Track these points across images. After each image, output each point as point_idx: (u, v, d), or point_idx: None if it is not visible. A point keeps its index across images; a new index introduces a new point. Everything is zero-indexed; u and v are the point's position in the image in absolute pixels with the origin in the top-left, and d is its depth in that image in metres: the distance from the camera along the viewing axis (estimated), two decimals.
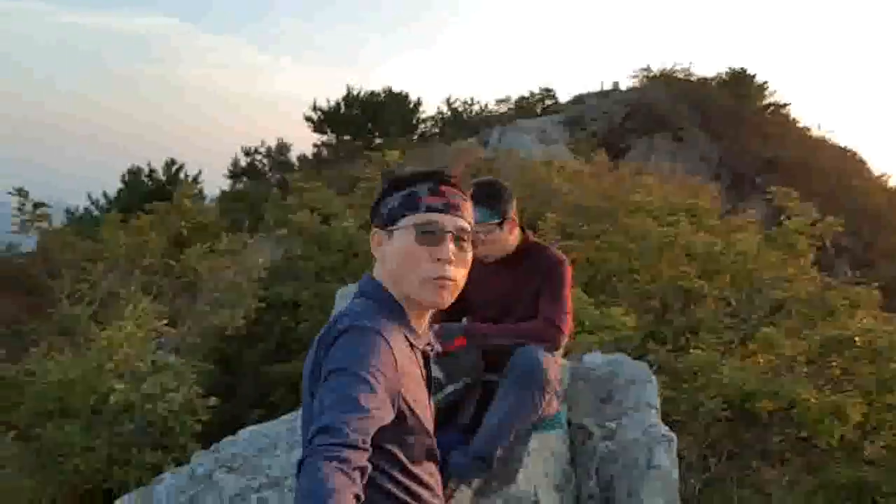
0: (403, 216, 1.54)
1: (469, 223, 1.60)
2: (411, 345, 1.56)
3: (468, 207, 1.62)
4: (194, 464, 2.68)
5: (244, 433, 2.81)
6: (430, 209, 1.53)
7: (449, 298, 1.55)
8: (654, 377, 3.10)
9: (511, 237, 2.67)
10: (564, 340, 2.60)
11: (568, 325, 2.58)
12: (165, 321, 5.36)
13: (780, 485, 5.71)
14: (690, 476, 5.14)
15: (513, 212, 2.66)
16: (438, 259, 1.51)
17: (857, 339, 5.87)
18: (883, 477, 5.75)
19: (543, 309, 2.57)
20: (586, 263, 8.27)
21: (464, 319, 2.83)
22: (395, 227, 1.55)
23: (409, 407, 1.49)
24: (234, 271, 6.19)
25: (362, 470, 1.24)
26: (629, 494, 2.62)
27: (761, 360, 6.21)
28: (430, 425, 1.58)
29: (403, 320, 1.55)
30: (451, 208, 1.55)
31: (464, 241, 1.56)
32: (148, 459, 4.89)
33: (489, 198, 2.60)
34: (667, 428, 2.81)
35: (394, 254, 1.55)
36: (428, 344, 1.65)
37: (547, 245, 2.77)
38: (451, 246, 1.53)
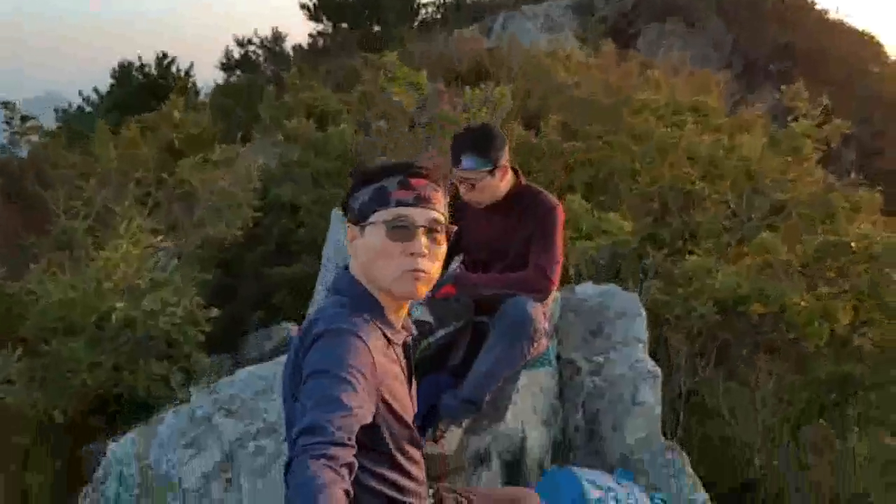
0: (374, 211, 1.53)
1: (442, 214, 1.58)
2: (389, 340, 1.56)
3: (440, 198, 1.59)
4: (194, 405, 2.76)
5: (241, 374, 2.88)
6: (400, 203, 1.52)
7: (424, 290, 1.55)
8: (643, 310, 3.13)
9: (503, 183, 2.62)
10: (554, 289, 2.62)
11: (558, 274, 2.58)
12: (161, 237, 5.37)
13: (767, 379, 5.91)
14: (680, 377, 5.32)
15: (505, 158, 2.60)
16: (411, 253, 1.51)
17: (853, 244, 5.88)
18: (867, 371, 5.96)
19: (535, 257, 2.56)
20: (588, 164, 8.17)
21: (455, 263, 2.84)
22: (366, 222, 1.53)
23: (389, 405, 1.52)
24: (228, 182, 6.13)
25: (349, 466, 1.26)
26: (614, 428, 2.71)
27: (753, 261, 6.25)
28: (410, 417, 1.62)
29: (380, 316, 1.55)
30: (421, 201, 1.53)
31: (437, 232, 1.55)
32: (154, 370, 5.05)
33: (480, 145, 2.54)
34: (653, 363, 2.86)
35: (367, 249, 1.54)
36: (408, 335, 1.66)
37: (540, 189, 2.71)
38: (424, 239, 1.52)
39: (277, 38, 19.34)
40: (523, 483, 2.59)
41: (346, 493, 1.21)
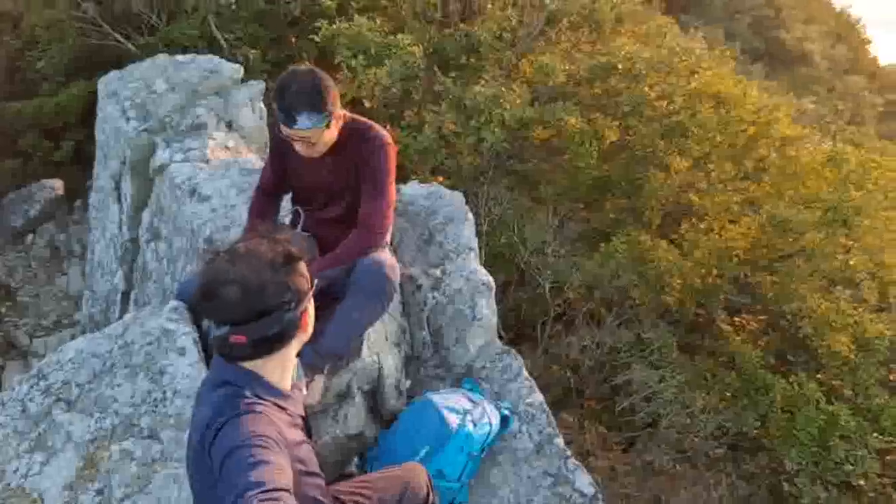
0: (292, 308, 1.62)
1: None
2: (285, 409, 1.63)
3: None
4: (20, 395, 2.50)
5: (67, 352, 2.62)
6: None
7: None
8: (470, 214, 3.28)
9: (338, 128, 2.46)
10: (389, 234, 2.65)
11: (390, 219, 2.59)
12: None
13: (547, 202, 6.60)
14: (480, 222, 5.76)
15: (338, 104, 2.41)
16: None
17: (619, 65, 6.38)
18: (620, 171, 6.89)
19: (363, 211, 2.52)
20: None
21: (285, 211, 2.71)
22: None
23: (300, 464, 1.59)
24: None
25: None
26: (457, 340, 2.99)
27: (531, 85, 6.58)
28: (318, 467, 1.71)
29: (270, 391, 1.60)
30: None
31: None
32: None
33: (313, 101, 2.32)
34: (485, 273, 3.10)
35: None
36: (299, 391, 1.76)
37: (369, 124, 2.58)
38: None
39: None
40: (383, 405, 2.83)
41: None
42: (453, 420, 2.60)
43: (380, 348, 2.83)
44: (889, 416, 5.90)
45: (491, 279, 3.08)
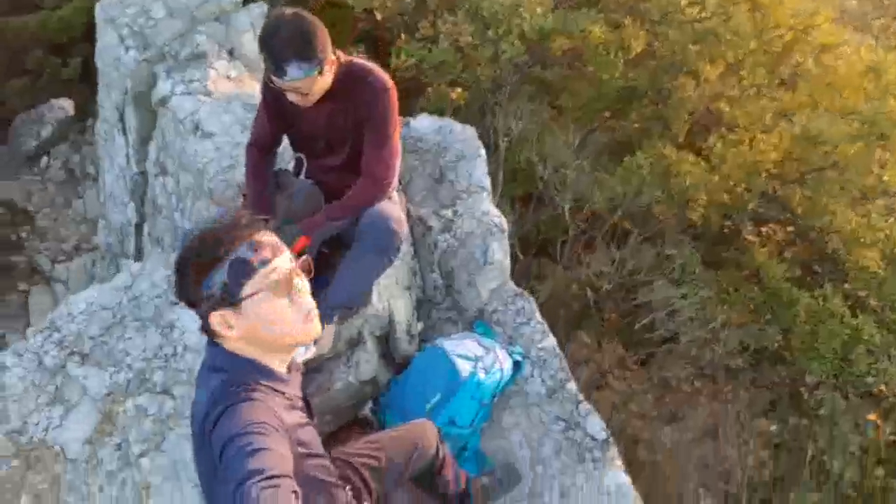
0: (242, 285, 1.46)
1: (291, 253, 1.55)
2: (284, 394, 1.59)
3: (277, 238, 1.53)
4: (35, 348, 2.53)
5: (76, 304, 2.62)
6: (264, 263, 1.47)
7: (320, 328, 1.59)
8: (482, 150, 3.14)
9: (332, 74, 2.31)
10: (396, 182, 2.54)
11: (395, 168, 2.47)
12: None
13: (569, 113, 6.36)
14: (499, 138, 5.58)
15: (330, 49, 2.25)
16: (299, 300, 1.52)
17: None
18: (647, 80, 6.58)
19: (367, 161, 2.40)
20: None
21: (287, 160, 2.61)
22: (238, 300, 1.46)
23: (301, 452, 1.58)
24: None
25: (296, 494, 1.36)
26: (469, 284, 2.93)
27: None
28: (321, 447, 1.70)
29: (268, 376, 1.56)
30: (276, 251, 1.50)
31: (298, 270, 1.54)
32: None
33: (302, 49, 2.16)
34: (498, 213, 3.00)
35: (255, 321, 1.49)
36: (298, 371, 1.70)
37: (369, 68, 2.41)
38: (298, 280, 1.52)
39: None
40: (395, 349, 2.83)
41: None
42: (464, 367, 2.58)
43: (391, 293, 2.79)
44: None
45: (503, 220, 2.99)
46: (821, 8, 5.96)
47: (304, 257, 1.62)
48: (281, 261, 1.49)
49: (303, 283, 1.53)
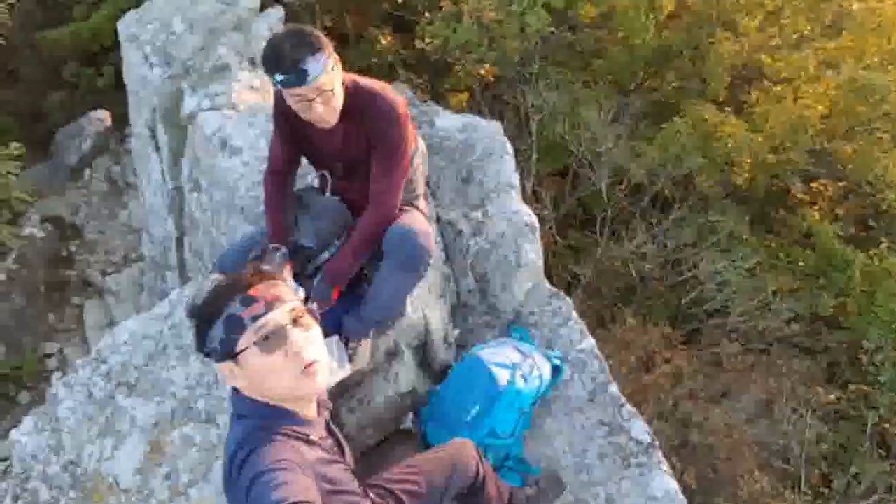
0: (236, 341, 1.49)
1: (295, 298, 1.55)
2: (308, 437, 1.60)
3: (282, 286, 1.55)
4: (84, 380, 2.61)
5: (121, 334, 2.68)
6: (255, 318, 1.48)
7: (323, 378, 1.57)
8: (509, 146, 3.07)
9: (340, 85, 2.26)
10: (422, 190, 2.52)
11: (400, 193, 2.39)
12: None
13: (601, 81, 6.18)
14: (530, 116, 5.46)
15: (332, 51, 2.21)
16: (294, 353, 1.50)
17: None
18: (682, 38, 6.35)
19: (375, 189, 2.35)
20: None
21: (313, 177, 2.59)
22: (235, 354, 1.50)
23: (329, 490, 1.60)
24: None
25: None
26: (503, 287, 2.89)
27: None
28: (352, 485, 1.71)
29: (291, 420, 1.58)
30: (272, 304, 1.50)
31: (301, 318, 1.53)
32: None
33: (311, 43, 2.11)
34: (528, 211, 2.94)
35: (252, 376, 1.52)
36: (325, 409, 1.72)
37: (378, 92, 2.34)
38: (296, 333, 1.51)
39: None
40: (433, 359, 2.82)
41: None
42: (503, 376, 2.56)
43: (424, 303, 2.77)
44: None
45: (534, 218, 2.93)
46: None
47: (310, 305, 1.63)
48: (275, 314, 1.49)
49: (305, 335, 1.52)
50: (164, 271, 4.55)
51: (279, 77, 2.17)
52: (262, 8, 3.79)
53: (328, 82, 2.18)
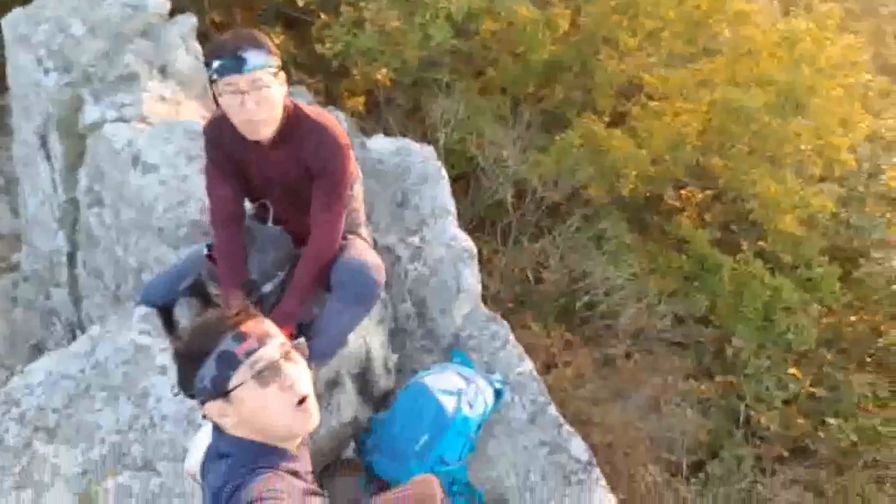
0: (229, 378, 1.47)
1: (281, 334, 1.56)
2: (296, 473, 1.59)
3: (267, 322, 1.55)
4: None
5: (35, 373, 2.43)
6: (249, 354, 1.48)
7: (318, 416, 1.58)
8: (444, 171, 3.10)
9: (280, 94, 2.20)
10: (362, 218, 2.53)
11: (342, 226, 2.40)
12: None
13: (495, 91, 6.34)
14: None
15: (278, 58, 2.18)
16: (288, 386, 1.51)
17: None
18: (571, 54, 6.65)
19: (319, 219, 2.35)
20: None
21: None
22: (227, 391, 1.48)
23: None
24: None
25: None
26: (442, 312, 2.93)
27: None
28: None
29: (275, 454, 1.56)
30: (265, 340, 1.51)
31: (289, 352, 1.54)
32: None
33: (254, 40, 2.11)
34: (465, 237, 2.99)
35: (246, 412, 1.51)
36: (307, 445, 1.71)
37: (324, 123, 2.31)
38: (287, 366, 1.52)
39: None
40: (374, 385, 2.81)
41: None
42: (450, 404, 2.60)
43: (366, 330, 2.76)
44: (827, 284, 6.28)
45: (472, 245, 2.99)
46: None
47: (298, 341, 1.62)
48: (268, 349, 1.50)
49: (296, 368, 1.53)
50: (48, 287, 4.18)
51: (216, 63, 2.11)
52: (172, 14, 3.56)
53: (266, 79, 2.13)
